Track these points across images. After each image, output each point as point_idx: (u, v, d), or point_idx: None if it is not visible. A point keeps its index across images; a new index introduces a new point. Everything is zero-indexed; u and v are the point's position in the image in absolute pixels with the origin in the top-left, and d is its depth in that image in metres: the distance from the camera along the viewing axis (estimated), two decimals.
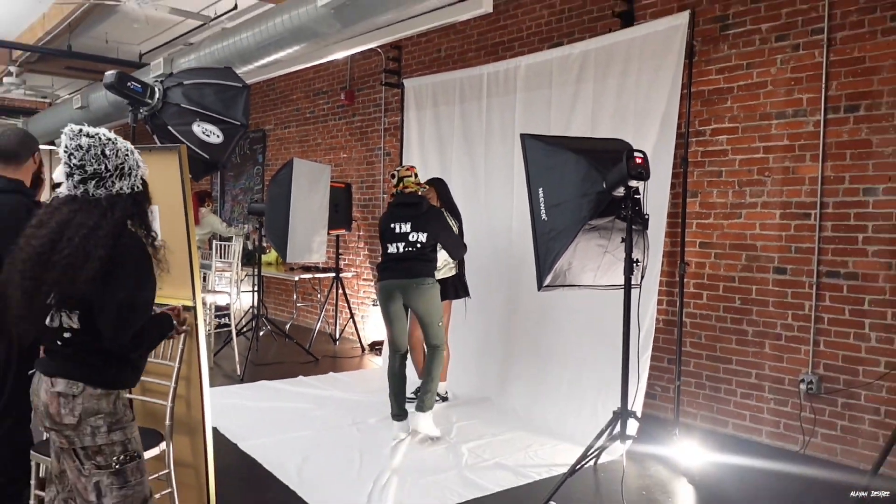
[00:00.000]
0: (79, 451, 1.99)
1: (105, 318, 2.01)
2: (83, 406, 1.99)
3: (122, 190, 2.05)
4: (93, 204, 2.01)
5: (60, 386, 1.99)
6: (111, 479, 2.01)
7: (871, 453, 3.85)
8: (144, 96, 3.29)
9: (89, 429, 1.99)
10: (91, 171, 2.00)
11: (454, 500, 3.45)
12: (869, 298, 3.93)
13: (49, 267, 1.93)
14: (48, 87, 11.63)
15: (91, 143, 2.01)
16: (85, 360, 2.03)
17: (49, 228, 1.96)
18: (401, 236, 4.37)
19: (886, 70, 3.85)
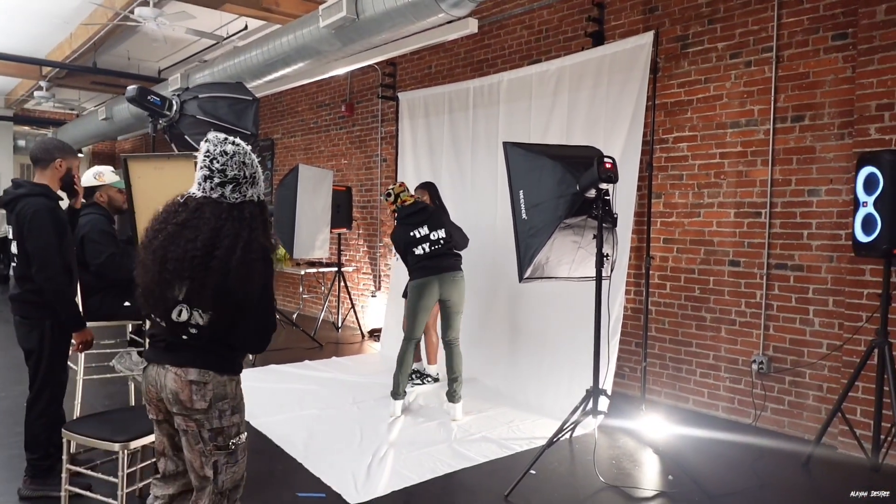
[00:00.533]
0: (205, 432, 1.98)
1: (252, 325, 2.00)
2: (213, 392, 1.97)
3: (252, 197, 2.03)
4: (236, 211, 1.97)
5: (193, 375, 1.96)
6: (226, 458, 2.01)
7: (815, 425, 3.90)
8: (163, 108, 3.28)
9: (217, 412, 1.98)
10: (231, 175, 1.98)
11: (445, 469, 3.46)
12: (813, 287, 3.97)
13: (209, 271, 1.89)
14: (75, 100, 11.54)
15: (236, 151, 2.00)
16: (212, 351, 2.00)
17: (201, 233, 1.92)
18: (423, 238, 4.32)
19: (828, 84, 3.89)
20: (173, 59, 8.76)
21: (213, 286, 1.90)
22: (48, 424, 3.06)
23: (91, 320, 3.54)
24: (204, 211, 1.95)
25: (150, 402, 2.05)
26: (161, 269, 1.92)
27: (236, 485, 2.07)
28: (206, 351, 1.99)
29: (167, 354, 2.00)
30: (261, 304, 2.00)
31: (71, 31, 7.77)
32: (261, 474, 3.37)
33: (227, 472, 2.02)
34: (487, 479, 3.36)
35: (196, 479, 2.01)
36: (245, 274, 1.92)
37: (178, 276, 1.91)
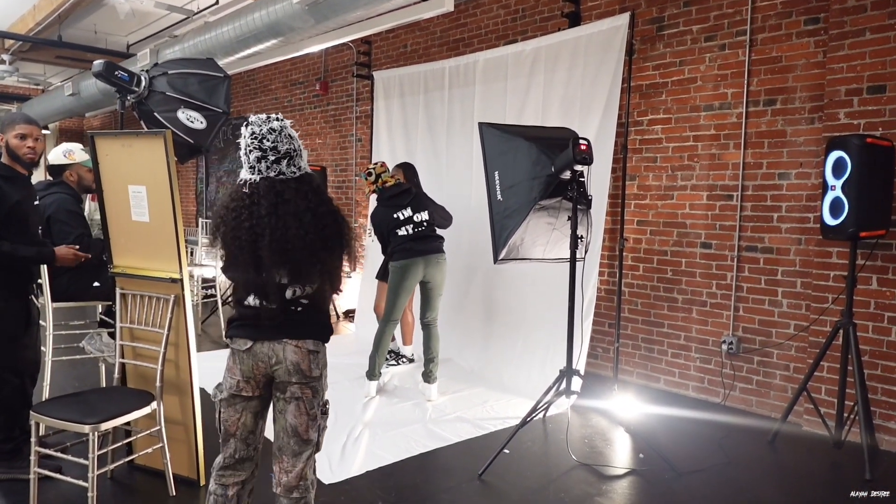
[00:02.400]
0: (319, 397, 2.09)
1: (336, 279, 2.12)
2: (323, 360, 2.11)
3: (304, 169, 2.08)
4: (306, 186, 2.02)
5: (311, 345, 2.06)
6: (322, 420, 2.13)
7: (782, 404, 4.00)
8: (131, 85, 3.19)
9: (324, 378, 2.12)
10: (284, 150, 2.00)
11: (420, 449, 3.48)
12: (782, 270, 4.05)
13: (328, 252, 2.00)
14: (40, 75, 11.19)
15: (283, 126, 2.03)
16: (318, 322, 2.11)
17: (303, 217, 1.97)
18: (407, 220, 4.29)
19: (800, 68, 3.93)
20: (142, 33, 8.52)
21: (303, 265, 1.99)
22: (4, 408, 3.00)
23: (60, 301, 3.47)
24: (283, 194, 1.99)
25: (252, 379, 2.08)
26: (273, 263, 1.97)
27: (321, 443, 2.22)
28: (314, 323, 2.11)
29: (282, 330, 2.05)
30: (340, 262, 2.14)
31: (34, 3, 7.51)
32: None
33: (321, 434, 2.14)
34: (462, 458, 3.39)
35: (297, 444, 2.07)
36: (330, 247, 2.03)
37: (286, 261, 1.98)
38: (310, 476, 2.13)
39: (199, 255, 7.37)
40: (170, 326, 2.86)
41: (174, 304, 2.86)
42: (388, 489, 3.02)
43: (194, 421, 2.92)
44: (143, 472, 3.10)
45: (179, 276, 2.83)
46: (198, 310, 6.87)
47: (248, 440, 2.15)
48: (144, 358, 3.00)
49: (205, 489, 2.92)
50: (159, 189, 2.80)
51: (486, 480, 3.13)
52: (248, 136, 2.01)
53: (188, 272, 2.89)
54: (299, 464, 2.09)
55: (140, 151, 2.83)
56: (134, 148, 2.85)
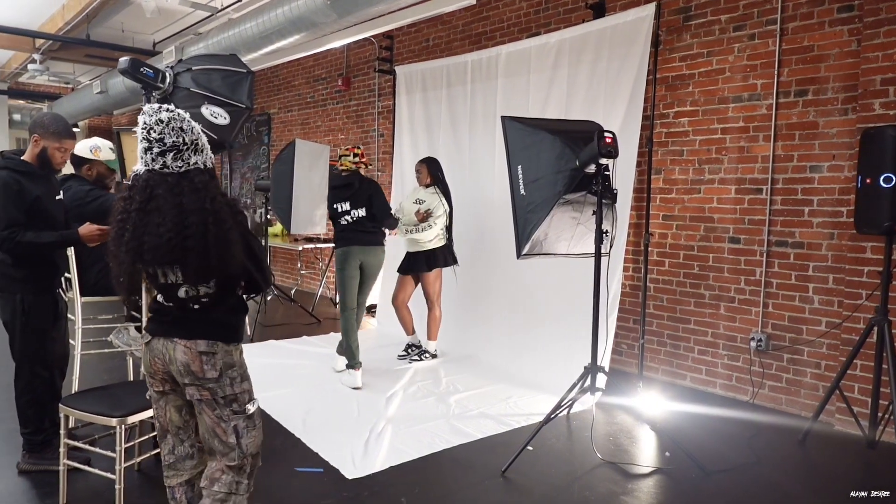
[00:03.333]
0: (220, 399, 2.02)
1: (255, 272, 2.06)
2: (222, 361, 2.02)
3: (197, 164, 1.96)
4: (185, 182, 1.92)
5: (202, 346, 1.99)
6: (246, 423, 2.06)
7: (812, 402, 3.91)
8: (156, 81, 3.20)
9: (228, 380, 2.03)
10: (170, 143, 1.91)
11: (443, 445, 3.46)
12: (813, 265, 3.95)
13: (187, 252, 1.88)
14: (70, 74, 11.37)
15: (171, 118, 1.93)
16: (219, 321, 2.04)
17: (166, 215, 1.88)
18: (344, 213, 4.58)
19: (833, 58, 3.82)
20: (168, 31, 8.61)
21: (197, 266, 1.91)
22: (34, 401, 3.04)
23: (88, 295, 3.51)
24: (156, 189, 1.91)
25: (155, 374, 2.06)
26: (138, 260, 1.91)
27: (257, 450, 2.12)
28: (212, 322, 2.03)
29: (174, 328, 2.02)
30: (252, 257, 2.03)
31: (63, 3, 7.63)
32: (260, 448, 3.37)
33: (249, 436, 2.07)
34: (485, 455, 3.37)
35: (219, 444, 2.04)
36: (225, 247, 1.92)
37: (159, 263, 1.93)
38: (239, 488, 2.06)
39: None
40: None
41: None
42: (410, 484, 3.01)
43: None
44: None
45: None
46: None
47: (180, 436, 2.12)
48: None
49: None
50: None
51: (509, 477, 3.10)
52: (140, 125, 1.94)
53: None
54: (225, 465, 2.05)
55: None
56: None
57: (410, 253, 5.02)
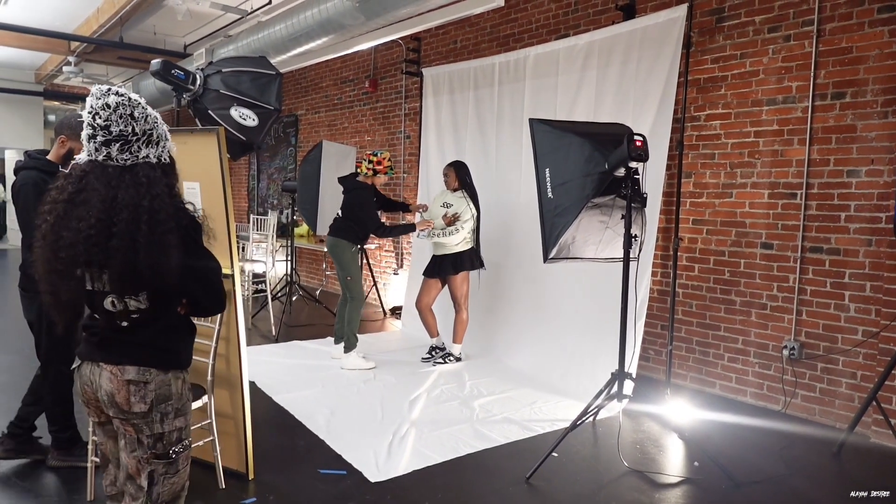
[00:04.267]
0: (144, 438, 1.74)
1: (197, 289, 1.79)
2: (155, 393, 1.74)
3: (148, 158, 1.70)
4: (128, 175, 1.66)
5: (131, 373, 1.71)
6: (165, 469, 1.79)
7: (848, 414, 3.79)
8: (187, 83, 3.24)
9: (159, 416, 1.75)
10: (116, 132, 1.65)
11: (467, 450, 3.43)
12: (849, 272, 3.84)
13: (110, 254, 1.61)
14: (103, 76, 11.61)
15: (119, 102, 1.66)
16: (153, 344, 1.75)
17: (93, 208, 1.61)
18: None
19: (872, 59, 3.71)
20: (198, 34, 8.73)
21: (121, 270, 1.62)
22: (59, 400, 3.07)
23: None
24: (90, 179, 1.64)
25: (88, 403, 1.81)
26: (54, 258, 1.62)
27: (175, 496, 1.84)
28: (145, 344, 1.74)
29: (101, 350, 1.75)
30: (197, 276, 1.76)
31: (98, 6, 7.78)
32: (283, 450, 3.38)
33: (164, 484, 1.79)
34: (509, 460, 3.33)
35: (131, 486, 1.79)
36: (158, 251, 1.62)
37: (75, 263, 1.63)
38: None
39: (250, 250, 7.51)
40: (221, 321, 2.89)
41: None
42: (434, 489, 2.99)
43: (244, 415, 2.95)
44: (194, 464, 3.12)
45: (231, 271, 2.85)
46: (248, 305, 7.01)
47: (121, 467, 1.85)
48: (196, 352, 3.03)
49: (254, 483, 2.96)
50: (212, 185, 2.83)
51: (533, 484, 3.06)
52: (86, 109, 1.68)
53: (239, 267, 2.91)
54: None
55: (194, 148, 2.86)
56: (188, 145, 2.88)
57: (437, 256, 5.00)
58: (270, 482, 3.00)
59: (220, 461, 2.92)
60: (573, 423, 3.32)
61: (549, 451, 3.21)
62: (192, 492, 2.88)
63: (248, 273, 6.93)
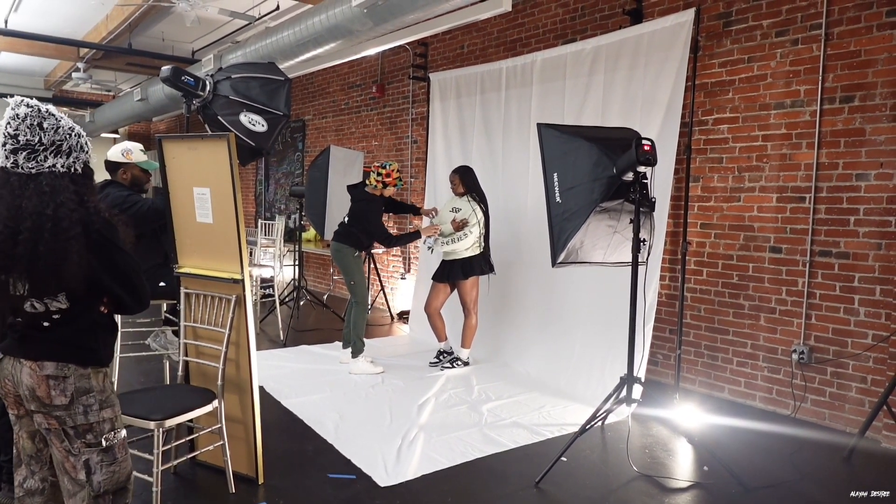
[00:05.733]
0: (69, 430, 1.81)
1: (117, 288, 1.86)
2: (75, 386, 1.81)
3: (54, 167, 1.77)
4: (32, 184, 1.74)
5: (49, 369, 1.79)
6: (101, 457, 1.84)
7: (858, 418, 3.78)
8: (197, 89, 3.27)
9: (81, 407, 1.81)
10: (23, 141, 1.74)
11: (475, 454, 3.44)
12: (859, 276, 3.82)
13: (15, 261, 1.69)
14: (112, 82, 11.69)
15: (28, 114, 1.76)
16: (72, 341, 1.83)
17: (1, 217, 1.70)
18: None
19: (881, 63, 3.71)
20: (206, 39, 8.79)
21: (31, 276, 1.71)
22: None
23: None
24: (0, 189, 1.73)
25: (7, 396, 1.87)
26: None
27: (120, 487, 1.88)
28: (65, 341, 1.82)
29: (22, 347, 1.82)
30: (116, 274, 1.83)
31: (107, 13, 7.84)
32: (292, 454, 3.40)
33: (103, 472, 1.84)
34: (518, 464, 3.33)
35: (70, 483, 1.83)
36: (59, 258, 1.70)
37: None
38: None
39: (258, 255, 7.54)
40: (231, 326, 2.90)
41: (235, 304, 2.91)
42: (443, 493, 2.99)
43: (253, 419, 2.97)
44: (205, 468, 3.17)
45: (241, 276, 2.87)
46: (256, 309, 7.04)
47: (31, 467, 1.91)
48: (206, 356, 3.06)
49: (263, 487, 2.97)
50: (223, 191, 2.85)
51: (542, 488, 3.06)
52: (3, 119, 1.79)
53: (248, 272, 2.93)
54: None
55: (205, 154, 2.89)
56: (199, 151, 2.91)
57: (446, 262, 5.01)
58: (280, 486, 3.01)
59: (230, 465, 2.93)
60: (582, 427, 3.32)
61: (559, 456, 3.21)
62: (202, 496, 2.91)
63: (255, 278, 6.95)
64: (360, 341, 4.93)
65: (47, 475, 1.93)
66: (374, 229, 4.93)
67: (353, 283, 4.98)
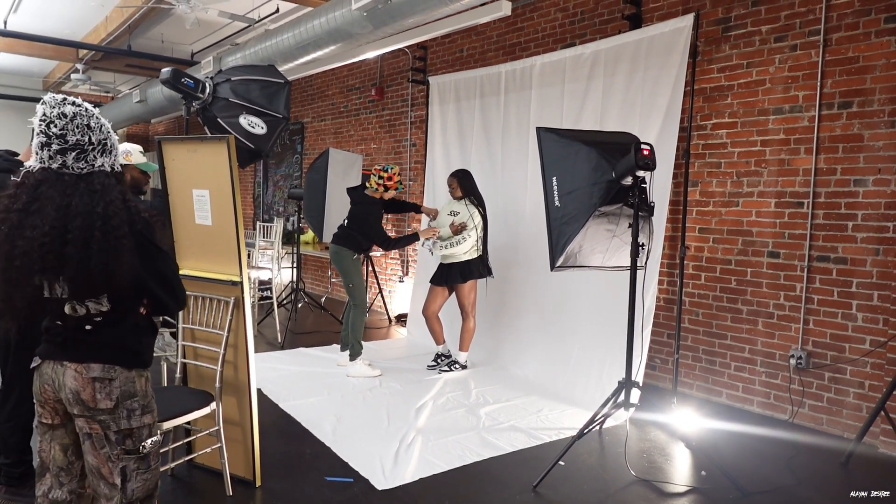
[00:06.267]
0: (112, 434, 1.78)
1: (157, 289, 1.84)
2: (121, 389, 1.79)
3: (103, 167, 1.75)
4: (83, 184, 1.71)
5: (96, 371, 1.76)
6: (137, 464, 1.82)
7: (855, 423, 3.78)
8: (196, 91, 3.27)
9: (125, 412, 1.79)
10: (73, 141, 1.70)
11: (473, 458, 3.44)
12: (857, 281, 3.83)
13: (65, 261, 1.65)
14: (111, 83, 11.70)
15: (77, 112, 1.72)
16: (117, 343, 1.81)
17: (47, 216, 1.65)
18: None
19: (879, 69, 3.72)
20: (206, 42, 8.80)
21: (76, 276, 1.66)
22: (18, 427, 2.77)
23: None
24: (44, 189, 1.68)
25: (46, 403, 1.84)
26: (8, 266, 1.64)
27: (149, 493, 1.87)
28: (110, 343, 1.80)
29: (65, 350, 1.79)
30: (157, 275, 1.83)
31: (106, 14, 7.85)
32: (290, 457, 3.39)
33: (137, 480, 1.83)
34: (516, 468, 3.33)
35: (104, 486, 1.81)
36: (110, 258, 1.67)
37: (31, 271, 1.65)
38: None
39: (256, 257, 7.54)
40: (229, 328, 2.90)
41: (234, 306, 2.91)
42: (440, 497, 2.99)
43: (251, 422, 2.96)
44: (202, 470, 3.17)
45: (240, 279, 2.87)
46: (254, 311, 7.02)
47: (60, 478, 1.86)
48: (204, 358, 3.06)
49: (261, 490, 2.97)
50: (222, 193, 2.85)
51: (540, 493, 3.06)
52: (38, 115, 1.72)
53: (247, 274, 2.93)
54: None
55: (204, 156, 2.89)
56: (199, 153, 2.91)
57: (444, 265, 5.02)
58: (277, 489, 3.01)
59: (228, 468, 2.93)
60: (580, 431, 3.32)
61: (556, 460, 3.21)
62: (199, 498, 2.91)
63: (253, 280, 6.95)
64: (358, 344, 4.93)
65: (76, 487, 1.89)
66: (373, 233, 4.93)
67: (352, 285, 4.98)
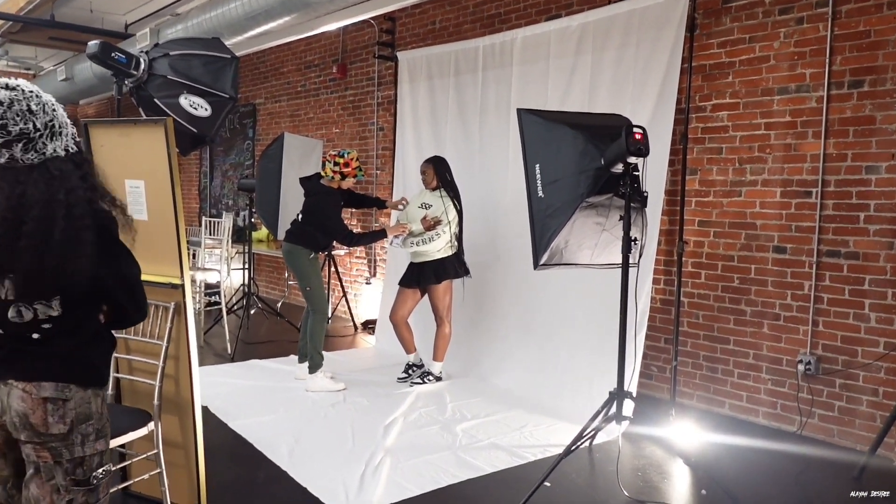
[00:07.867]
0: (64, 463, 1.72)
1: (120, 294, 1.82)
2: (76, 411, 1.73)
3: (56, 152, 1.71)
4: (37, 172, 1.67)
5: (48, 390, 1.69)
6: (85, 497, 1.76)
7: (869, 434, 3.87)
8: (129, 67, 3.23)
9: (80, 437, 1.73)
10: (17, 131, 1.64)
11: (448, 480, 3.45)
12: (869, 278, 3.93)
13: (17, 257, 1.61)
14: (32, 59, 11.47)
15: (13, 98, 1.66)
16: (73, 357, 1.75)
17: None
18: None
19: (892, 44, 3.81)
20: (142, 11, 8.67)
21: (27, 272, 1.63)
22: None
23: None
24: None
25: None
26: None
27: None
28: (62, 356, 1.74)
29: (10, 365, 1.71)
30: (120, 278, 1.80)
31: None
32: (241, 483, 3.37)
33: None
34: (496, 491, 3.35)
35: None
36: (73, 247, 1.64)
37: None
38: None
39: (202, 257, 7.47)
40: (169, 337, 2.87)
41: (174, 312, 2.88)
42: None
43: (195, 444, 2.94)
44: (139, 499, 3.14)
45: (181, 281, 2.85)
46: (200, 319, 6.96)
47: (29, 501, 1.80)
48: (140, 372, 3.02)
49: None
50: (159, 184, 2.82)
51: None
52: None
53: (190, 277, 2.90)
54: None
55: (138, 142, 2.86)
56: (132, 138, 2.88)
57: (415, 264, 5.01)
58: None
59: (169, 496, 2.90)
60: (567, 448, 3.35)
61: (541, 481, 3.23)
62: None
63: (199, 283, 6.88)
64: (318, 355, 4.91)
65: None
66: (332, 226, 4.90)
67: (309, 289, 4.95)
